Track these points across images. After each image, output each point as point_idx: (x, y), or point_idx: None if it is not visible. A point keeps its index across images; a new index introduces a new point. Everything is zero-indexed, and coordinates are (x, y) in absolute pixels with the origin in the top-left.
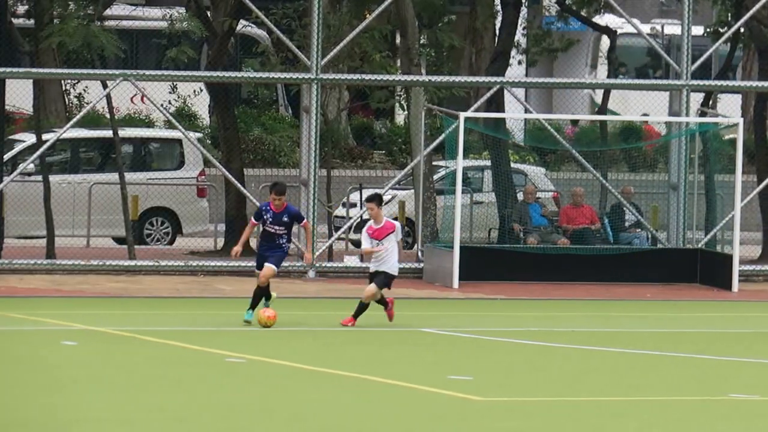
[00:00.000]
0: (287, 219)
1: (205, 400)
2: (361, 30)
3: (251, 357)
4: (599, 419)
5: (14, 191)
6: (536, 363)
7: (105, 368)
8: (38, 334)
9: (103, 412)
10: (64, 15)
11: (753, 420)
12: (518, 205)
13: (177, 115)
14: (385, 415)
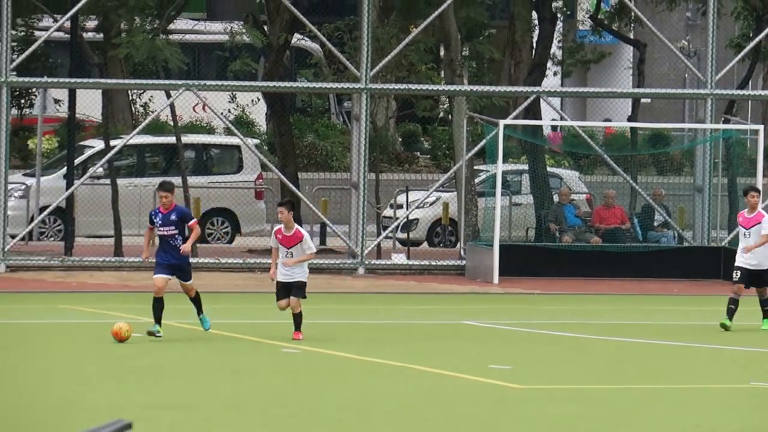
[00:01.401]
0: (175, 218)
1: (261, 387)
2: (407, 43)
3: (305, 348)
4: (630, 406)
5: (84, 193)
6: (571, 353)
7: (167, 358)
8: (106, 326)
9: (165, 399)
10: (130, 29)
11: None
12: (554, 206)
13: (236, 123)
14: (431, 402)
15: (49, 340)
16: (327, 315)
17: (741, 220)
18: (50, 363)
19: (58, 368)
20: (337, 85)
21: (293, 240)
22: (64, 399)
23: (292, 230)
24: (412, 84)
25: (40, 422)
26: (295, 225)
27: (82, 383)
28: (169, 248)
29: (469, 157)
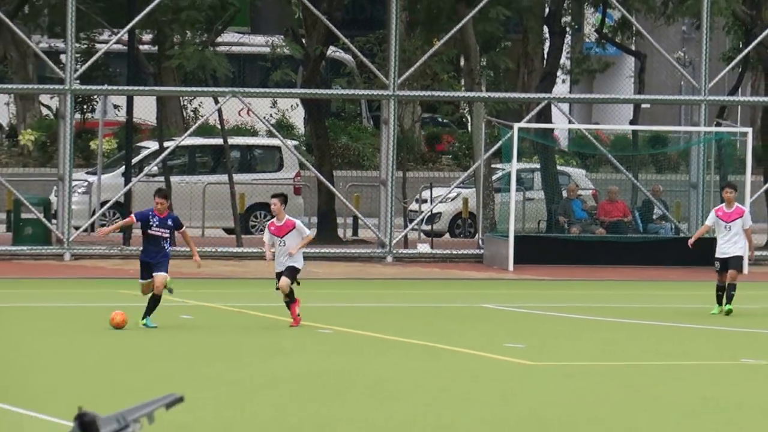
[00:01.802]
0: (171, 223)
1: (299, 365)
2: (431, 54)
3: (338, 328)
4: (632, 381)
5: (140, 190)
6: (579, 333)
7: (215, 338)
8: (161, 309)
9: (213, 373)
10: (182, 42)
11: (762, 381)
12: (563, 201)
13: (277, 126)
14: (453, 377)
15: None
16: (358, 299)
17: (720, 214)
18: (110, 342)
19: (117, 346)
20: (367, 92)
21: (285, 229)
22: (123, 373)
23: (283, 221)
24: (436, 91)
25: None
26: (285, 216)
27: (136, 361)
28: (159, 248)
29: (486, 156)
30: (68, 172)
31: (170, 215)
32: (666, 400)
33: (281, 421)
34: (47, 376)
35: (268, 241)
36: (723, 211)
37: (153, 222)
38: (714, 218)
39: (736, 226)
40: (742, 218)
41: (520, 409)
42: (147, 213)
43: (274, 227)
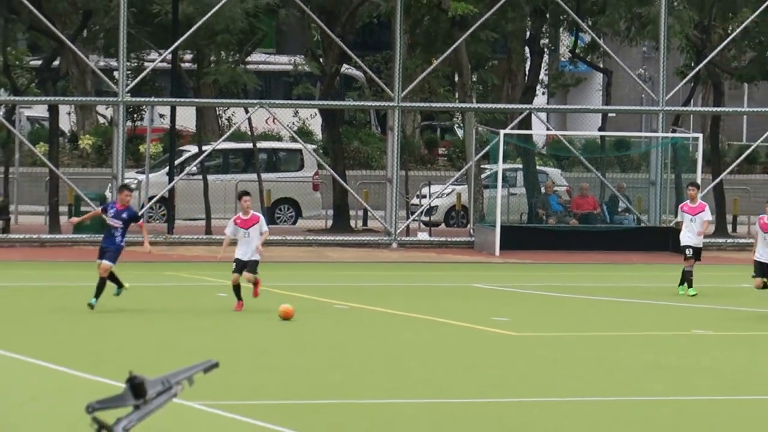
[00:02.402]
0: (126, 216)
1: (320, 336)
2: (429, 71)
3: (352, 305)
4: (599, 348)
5: (182, 187)
6: (555, 308)
7: (246, 312)
8: (200, 288)
9: (244, 343)
10: (217, 60)
11: (710, 349)
12: (541, 196)
13: (298, 132)
14: (447, 345)
15: (157, 299)
16: (368, 279)
17: (686, 209)
18: (157, 317)
19: (163, 321)
20: (375, 104)
21: (250, 222)
22: (165, 344)
23: (249, 215)
24: (433, 102)
25: (147, 360)
26: (251, 210)
27: (181, 332)
28: (111, 238)
29: (477, 158)
30: (121, 171)
31: (128, 209)
32: (627, 365)
33: (307, 384)
34: (104, 345)
35: (230, 234)
36: (688, 206)
37: (110, 212)
38: (681, 213)
39: (700, 218)
40: (703, 212)
41: (506, 372)
42: (108, 204)
43: (240, 220)
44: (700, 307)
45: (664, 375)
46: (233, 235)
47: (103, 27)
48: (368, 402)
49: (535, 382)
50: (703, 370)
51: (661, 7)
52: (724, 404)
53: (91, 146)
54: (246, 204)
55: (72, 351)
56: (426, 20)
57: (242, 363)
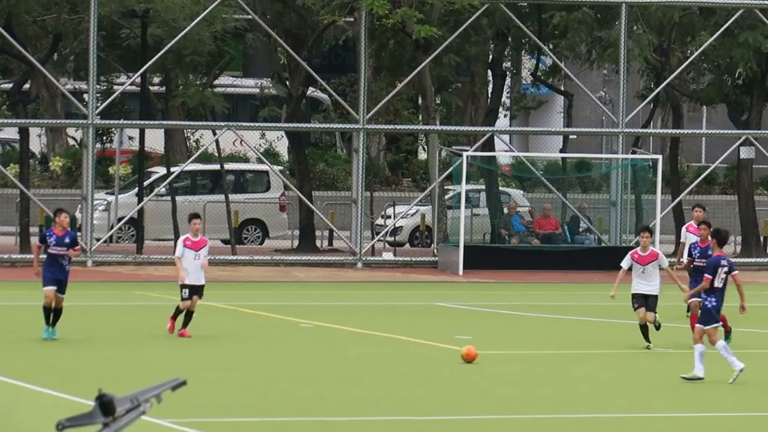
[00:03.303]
0: (69, 241)
1: (286, 353)
2: (394, 94)
3: (318, 323)
4: (562, 367)
5: (151, 207)
6: (518, 326)
7: (214, 331)
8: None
9: (212, 361)
10: (186, 83)
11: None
12: (504, 216)
13: (265, 154)
14: (411, 363)
15: (126, 318)
16: (334, 298)
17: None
18: (127, 335)
19: (132, 339)
20: (341, 126)
21: (200, 244)
22: (133, 362)
23: (199, 237)
24: (398, 125)
25: (117, 378)
26: (200, 234)
27: (146, 349)
28: (57, 265)
29: (440, 179)
30: (90, 192)
31: (69, 233)
32: (588, 382)
33: (274, 401)
34: (74, 363)
35: (180, 255)
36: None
37: (51, 241)
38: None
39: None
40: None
41: (469, 390)
42: (45, 234)
43: (190, 242)
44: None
45: (625, 392)
46: (182, 256)
47: (73, 50)
48: (333, 419)
49: (497, 399)
50: (663, 386)
51: (621, 31)
52: (685, 421)
53: (61, 168)
54: (196, 227)
55: (42, 369)
56: (390, 44)
57: (210, 381)
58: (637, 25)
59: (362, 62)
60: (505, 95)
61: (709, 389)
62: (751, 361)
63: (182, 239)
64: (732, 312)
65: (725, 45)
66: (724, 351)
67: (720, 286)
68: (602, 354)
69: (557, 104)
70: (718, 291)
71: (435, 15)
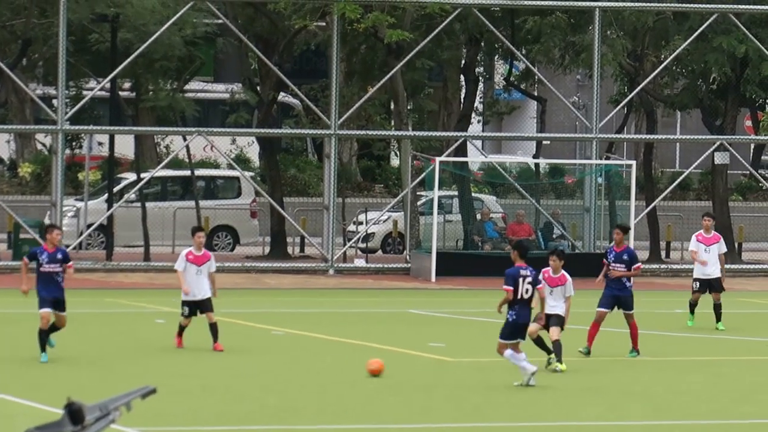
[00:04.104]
0: (61, 257)
1: (257, 360)
2: (366, 99)
3: (289, 330)
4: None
5: (121, 214)
6: (490, 334)
7: (184, 339)
8: (138, 315)
9: (182, 369)
10: (156, 88)
11: (643, 374)
12: (477, 222)
13: (236, 160)
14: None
15: (96, 325)
16: (305, 305)
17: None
18: (96, 343)
19: (102, 347)
20: (312, 131)
21: (204, 259)
22: (103, 370)
23: (202, 251)
24: (370, 130)
25: (85, 386)
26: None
27: (118, 359)
28: (53, 283)
29: (413, 185)
30: (60, 198)
31: (60, 249)
32: (562, 389)
33: (244, 409)
34: (42, 371)
35: (181, 270)
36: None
37: (42, 259)
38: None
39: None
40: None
41: (442, 397)
42: (35, 251)
43: (193, 256)
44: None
45: (599, 399)
46: (184, 270)
47: (42, 55)
48: (303, 427)
49: (471, 407)
50: (637, 394)
51: (595, 36)
52: (658, 429)
53: (31, 174)
54: (200, 240)
55: (10, 377)
56: (362, 48)
57: (180, 389)
58: (610, 29)
59: (334, 67)
60: (478, 100)
61: (685, 396)
62: (729, 369)
63: (185, 252)
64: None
65: (699, 50)
66: (513, 358)
67: (526, 297)
68: (576, 361)
69: (530, 109)
70: (520, 303)
71: (407, 19)
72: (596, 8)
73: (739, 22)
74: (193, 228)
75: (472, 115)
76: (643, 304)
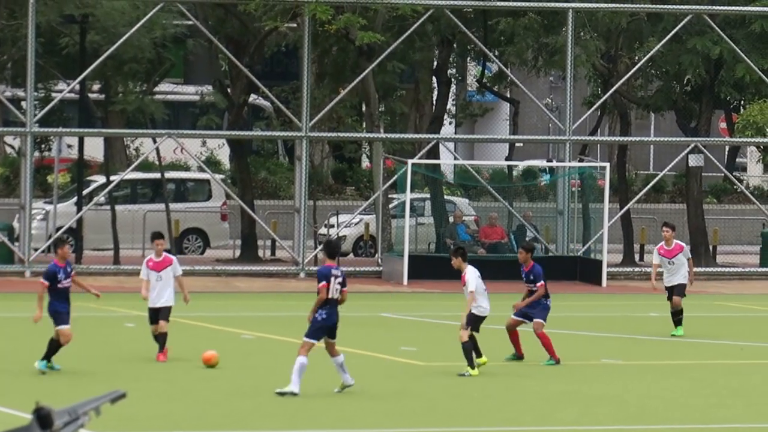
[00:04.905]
0: (70, 270)
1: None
2: (337, 101)
3: (259, 334)
4: (509, 378)
5: (90, 217)
6: None
7: (154, 343)
8: (108, 318)
9: (152, 372)
10: (125, 91)
11: (617, 378)
12: (449, 225)
13: (206, 162)
14: (355, 375)
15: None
16: (276, 309)
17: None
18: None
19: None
20: (283, 133)
21: (163, 265)
22: (72, 374)
23: (162, 257)
24: (341, 132)
25: (54, 391)
26: (164, 253)
27: (87, 362)
28: (66, 298)
29: (384, 188)
30: (28, 201)
31: (69, 264)
32: (536, 394)
33: (214, 413)
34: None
35: (144, 277)
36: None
37: (61, 277)
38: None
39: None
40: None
41: (414, 402)
42: (54, 270)
43: (152, 263)
44: (609, 336)
45: (573, 404)
46: (147, 277)
47: (11, 57)
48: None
49: (443, 411)
50: (611, 398)
51: (568, 37)
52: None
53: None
54: (159, 247)
55: None
56: (334, 50)
57: (149, 393)
58: (584, 31)
59: (305, 69)
60: (451, 102)
61: (658, 401)
62: (703, 373)
63: (146, 260)
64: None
65: (673, 51)
66: (340, 368)
67: (335, 298)
68: (550, 366)
69: (503, 111)
70: (330, 303)
71: (379, 21)
72: (569, 9)
73: (714, 24)
74: (152, 234)
75: (444, 117)
76: (616, 307)
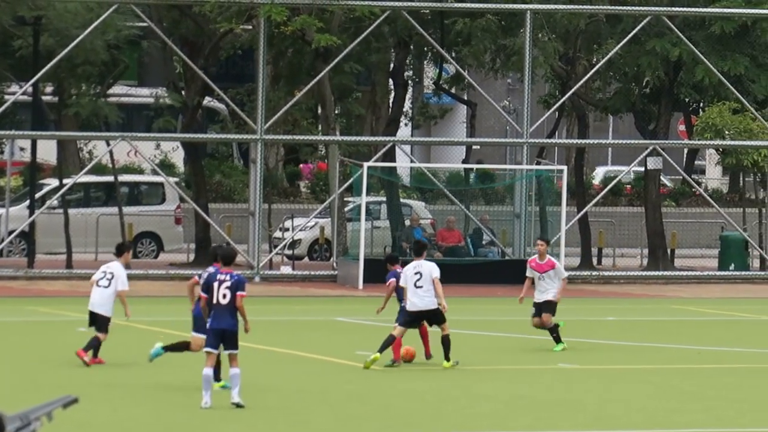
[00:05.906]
0: None
1: (181, 370)
2: (292, 103)
3: None
4: (465, 382)
5: (43, 220)
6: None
7: (106, 348)
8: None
9: (103, 378)
10: (79, 93)
11: (574, 382)
12: (406, 228)
13: (160, 165)
14: (310, 380)
15: (16, 334)
16: None
17: (534, 265)
18: (17, 352)
19: (23, 356)
20: (238, 136)
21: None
22: (24, 379)
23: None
24: (297, 135)
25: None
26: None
27: (38, 367)
28: None
29: (340, 191)
30: None
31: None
32: (492, 398)
33: (167, 420)
34: None
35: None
36: (536, 263)
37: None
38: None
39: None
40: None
41: (369, 407)
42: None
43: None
44: (565, 340)
45: (530, 408)
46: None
47: None
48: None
49: (399, 415)
50: (568, 403)
51: (526, 39)
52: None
53: None
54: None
55: None
56: (289, 52)
57: (102, 398)
58: (542, 32)
59: (260, 71)
60: (407, 104)
61: (615, 405)
62: (661, 377)
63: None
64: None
65: (632, 53)
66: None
67: (224, 303)
68: (507, 369)
69: (460, 114)
70: (217, 308)
71: (335, 23)
72: (527, 11)
73: (673, 25)
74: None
75: (401, 119)
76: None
